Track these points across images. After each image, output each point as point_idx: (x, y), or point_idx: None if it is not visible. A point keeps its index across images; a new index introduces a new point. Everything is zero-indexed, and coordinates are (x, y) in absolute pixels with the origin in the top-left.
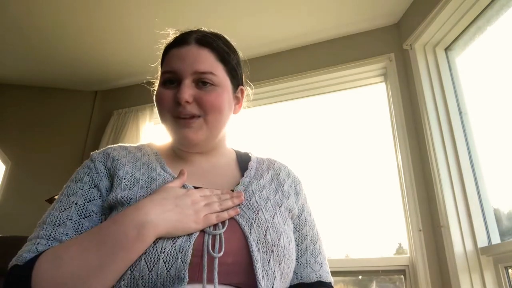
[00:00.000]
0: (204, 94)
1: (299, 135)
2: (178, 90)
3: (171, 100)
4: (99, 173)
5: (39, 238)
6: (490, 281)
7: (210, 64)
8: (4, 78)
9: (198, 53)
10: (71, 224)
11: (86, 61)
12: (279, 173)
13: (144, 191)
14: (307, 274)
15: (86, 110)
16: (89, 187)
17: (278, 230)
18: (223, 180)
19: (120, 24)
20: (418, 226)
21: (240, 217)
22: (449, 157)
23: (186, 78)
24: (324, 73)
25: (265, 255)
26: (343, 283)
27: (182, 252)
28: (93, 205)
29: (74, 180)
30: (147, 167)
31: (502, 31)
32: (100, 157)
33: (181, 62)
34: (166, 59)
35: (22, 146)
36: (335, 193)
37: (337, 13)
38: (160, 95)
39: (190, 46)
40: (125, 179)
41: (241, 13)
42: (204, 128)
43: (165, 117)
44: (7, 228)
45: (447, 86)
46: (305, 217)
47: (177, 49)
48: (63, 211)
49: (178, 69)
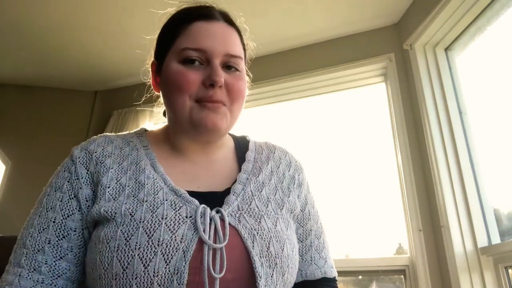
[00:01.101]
0: (233, 79)
1: (299, 135)
2: (212, 71)
3: (198, 82)
4: (80, 179)
5: (20, 267)
6: (490, 281)
7: (240, 48)
8: (4, 78)
9: (229, 33)
10: (49, 249)
11: (86, 61)
12: (279, 164)
13: (130, 201)
14: (311, 272)
15: (86, 110)
16: (69, 198)
17: (281, 238)
18: (220, 178)
19: (120, 24)
20: (418, 226)
21: (242, 227)
22: (449, 157)
23: (216, 58)
24: (324, 73)
25: (268, 269)
26: (343, 283)
27: (177, 274)
28: (71, 221)
29: (54, 187)
30: (135, 167)
31: (502, 31)
32: (81, 157)
33: (212, 39)
34: (188, 33)
35: (22, 146)
36: (335, 193)
37: (337, 13)
38: (183, 76)
39: (220, 22)
40: (110, 188)
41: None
42: (228, 117)
43: (185, 101)
44: (7, 228)
45: (447, 86)
46: (308, 210)
47: (205, 23)
48: (41, 232)
49: (209, 48)
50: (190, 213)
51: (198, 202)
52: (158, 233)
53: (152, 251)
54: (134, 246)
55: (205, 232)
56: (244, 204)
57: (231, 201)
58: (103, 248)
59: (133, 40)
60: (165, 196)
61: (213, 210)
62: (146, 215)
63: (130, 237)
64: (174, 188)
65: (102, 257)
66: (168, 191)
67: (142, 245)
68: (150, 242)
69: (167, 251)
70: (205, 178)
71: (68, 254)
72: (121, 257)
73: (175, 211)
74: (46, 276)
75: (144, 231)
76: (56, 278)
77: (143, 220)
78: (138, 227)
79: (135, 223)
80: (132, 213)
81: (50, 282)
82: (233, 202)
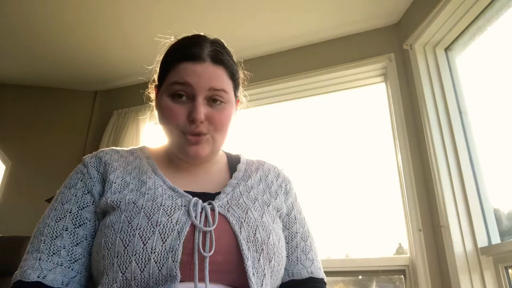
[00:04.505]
0: (215, 112)
1: (299, 135)
2: (193, 108)
3: (183, 116)
4: (92, 178)
5: (39, 252)
6: (490, 281)
7: (224, 82)
8: (4, 78)
9: (215, 72)
10: (67, 235)
11: (86, 61)
12: (268, 174)
13: (134, 194)
14: (298, 271)
15: (86, 110)
16: (83, 193)
17: (267, 228)
18: (213, 183)
19: (120, 24)
20: (418, 226)
21: (230, 216)
22: (449, 157)
23: (200, 94)
24: (324, 73)
25: (255, 253)
26: (343, 283)
27: (172, 252)
28: (87, 212)
29: (68, 186)
30: (138, 170)
31: (502, 31)
32: (92, 162)
33: (197, 78)
34: (177, 71)
35: (22, 146)
36: (335, 193)
37: (337, 13)
38: (170, 110)
39: (206, 63)
40: (116, 183)
41: (241, 13)
42: (211, 143)
43: (172, 131)
44: (7, 228)
45: (447, 86)
46: (294, 215)
47: (192, 64)
48: (58, 221)
49: (195, 85)
50: (185, 203)
51: (191, 196)
52: (157, 216)
53: (151, 230)
54: (136, 226)
55: (196, 218)
56: (233, 200)
57: (221, 198)
58: (108, 231)
59: (133, 40)
60: (164, 191)
61: (205, 203)
62: (147, 203)
63: (132, 220)
64: (172, 186)
65: (106, 239)
66: (167, 188)
67: (142, 226)
68: (150, 223)
69: (163, 231)
70: (200, 183)
71: (83, 242)
72: (123, 236)
73: (172, 201)
74: (65, 259)
75: (144, 215)
76: (73, 262)
77: (144, 207)
78: (139, 212)
79: (137, 209)
80: (135, 201)
81: (68, 265)
82: (223, 198)
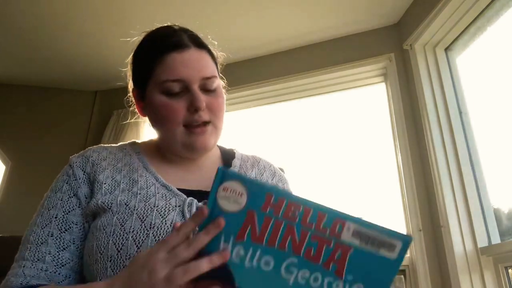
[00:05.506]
0: (212, 99)
1: (299, 136)
2: (193, 98)
3: (183, 109)
4: (78, 179)
5: (24, 259)
6: (490, 281)
7: (212, 68)
8: (4, 78)
9: (201, 56)
10: (52, 241)
11: (86, 61)
12: (263, 172)
13: (125, 194)
14: None
15: (86, 110)
16: (68, 197)
17: None
18: (207, 179)
19: (120, 24)
20: (418, 226)
21: None
22: (449, 157)
23: (194, 84)
24: (324, 73)
25: None
26: None
27: None
28: (73, 216)
29: (54, 190)
30: (128, 168)
31: (502, 31)
32: (78, 161)
33: (187, 68)
34: (165, 64)
35: (22, 146)
36: (335, 193)
37: (337, 13)
38: (169, 107)
39: (191, 49)
40: (106, 184)
41: (241, 13)
42: (214, 133)
43: (174, 129)
44: (7, 228)
45: (447, 86)
46: None
47: (178, 54)
48: (44, 228)
49: (186, 77)
50: (179, 203)
51: (185, 195)
52: (150, 218)
53: (145, 233)
54: (129, 229)
55: None
56: None
57: None
58: (100, 234)
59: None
60: (157, 190)
61: (200, 202)
62: (140, 204)
63: (124, 222)
64: (165, 183)
65: (98, 242)
66: (160, 186)
67: (136, 229)
68: (143, 225)
69: (158, 233)
70: (193, 180)
71: (70, 246)
72: (116, 240)
73: (166, 201)
74: (50, 265)
75: (137, 217)
76: (60, 267)
77: (137, 208)
78: (132, 214)
79: (129, 210)
80: (127, 202)
81: (53, 270)
82: None
